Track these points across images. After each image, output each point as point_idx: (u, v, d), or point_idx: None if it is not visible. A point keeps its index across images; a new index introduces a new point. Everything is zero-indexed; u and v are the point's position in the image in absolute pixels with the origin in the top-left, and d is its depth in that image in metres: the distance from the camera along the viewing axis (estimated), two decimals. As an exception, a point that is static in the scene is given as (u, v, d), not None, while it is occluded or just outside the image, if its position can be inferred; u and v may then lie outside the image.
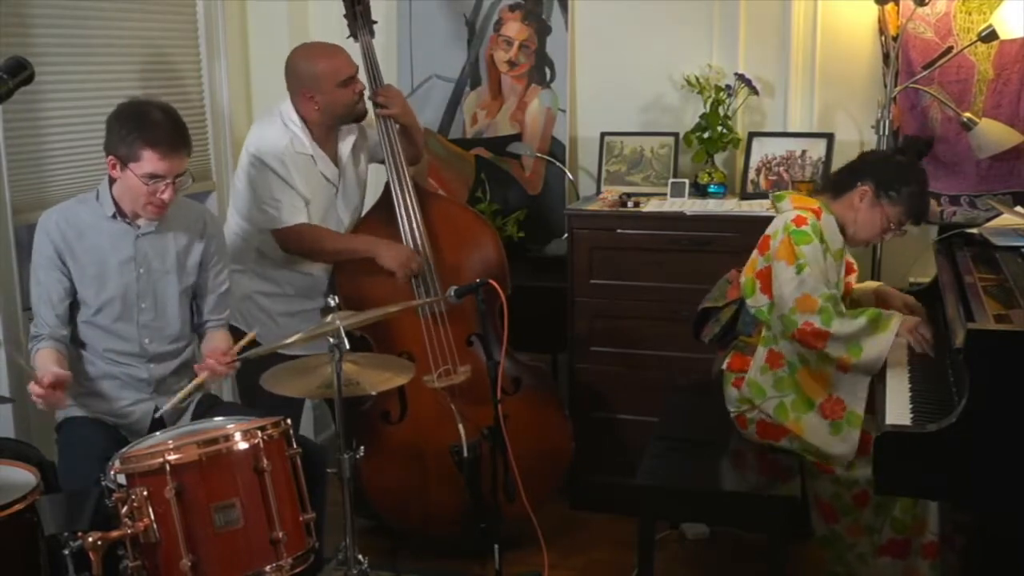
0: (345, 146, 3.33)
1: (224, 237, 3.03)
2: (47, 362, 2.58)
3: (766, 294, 2.78)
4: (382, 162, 3.50)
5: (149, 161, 2.55)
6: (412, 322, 3.25)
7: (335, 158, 3.31)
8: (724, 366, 2.92)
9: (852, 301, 3.00)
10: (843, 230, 2.82)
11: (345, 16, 3.40)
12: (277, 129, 3.21)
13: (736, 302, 2.90)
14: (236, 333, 3.24)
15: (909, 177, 2.79)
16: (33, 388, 2.42)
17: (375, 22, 3.44)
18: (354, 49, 3.37)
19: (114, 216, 2.68)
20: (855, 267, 3.06)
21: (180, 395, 2.64)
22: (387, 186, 3.34)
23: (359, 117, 3.31)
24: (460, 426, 2.94)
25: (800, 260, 2.68)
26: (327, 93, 3.19)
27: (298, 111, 3.23)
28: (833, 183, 2.90)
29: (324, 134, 3.27)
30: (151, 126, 2.56)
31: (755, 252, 2.85)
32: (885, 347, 2.61)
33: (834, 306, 2.64)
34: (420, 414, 3.25)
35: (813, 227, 2.73)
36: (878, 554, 2.79)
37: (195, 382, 2.63)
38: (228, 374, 2.68)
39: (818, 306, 2.64)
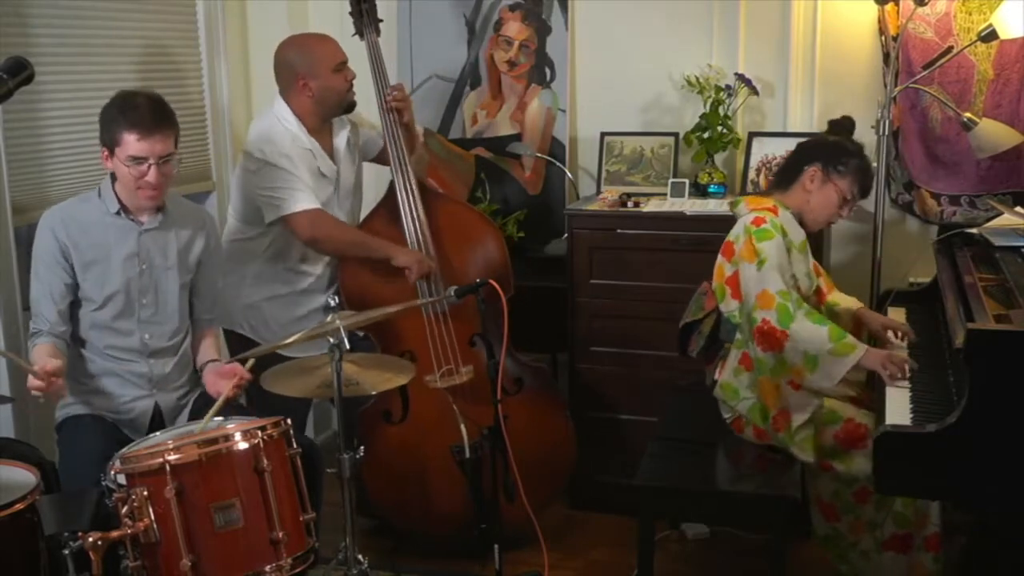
0: (340, 141, 3.31)
1: (219, 238, 3.04)
2: (42, 355, 2.58)
3: (736, 299, 2.79)
4: (375, 160, 3.50)
5: (129, 143, 2.57)
6: (415, 322, 3.25)
7: (331, 154, 3.29)
8: (716, 376, 2.92)
9: (831, 313, 2.99)
10: (801, 221, 2.86)
11: (351, 14, 3.39)
12: (277, 127, 3.19)
13: (715, 311, 2.90)
14: (242, 340, 3.24)
15: (851, 150, 2.86)
16: (32, 382, 2.42)
17: (381, 20, 3.43)
18: (360, 47, 3.37)
19: (118, 213, 2.69)
20: (822, 270, 3.08)
21: (210, 414, 2.55)
22: (391, 185, 3.33)
23: (349, 107, 3.30)
24: (462, 426, 2.94)
25: (760, 256, 2.71)
26: (322, 78, 3.18)
27: (290, 107, 3.21)
28: (779, 179, 2.95)
29: (318, 128, 3.25)
30: (131, 109, 2.58)
31: (720, 258, 2.87)
32: (840, 373, 2.60)
33: (791, 302, 2.65)
34: (422, 414, 3.24)
35: (773, 224, 2.76)
36: (882, 550, 2.79)
37: (219, 403, 2.56)
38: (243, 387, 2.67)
39: (775, 302, 2.65)
